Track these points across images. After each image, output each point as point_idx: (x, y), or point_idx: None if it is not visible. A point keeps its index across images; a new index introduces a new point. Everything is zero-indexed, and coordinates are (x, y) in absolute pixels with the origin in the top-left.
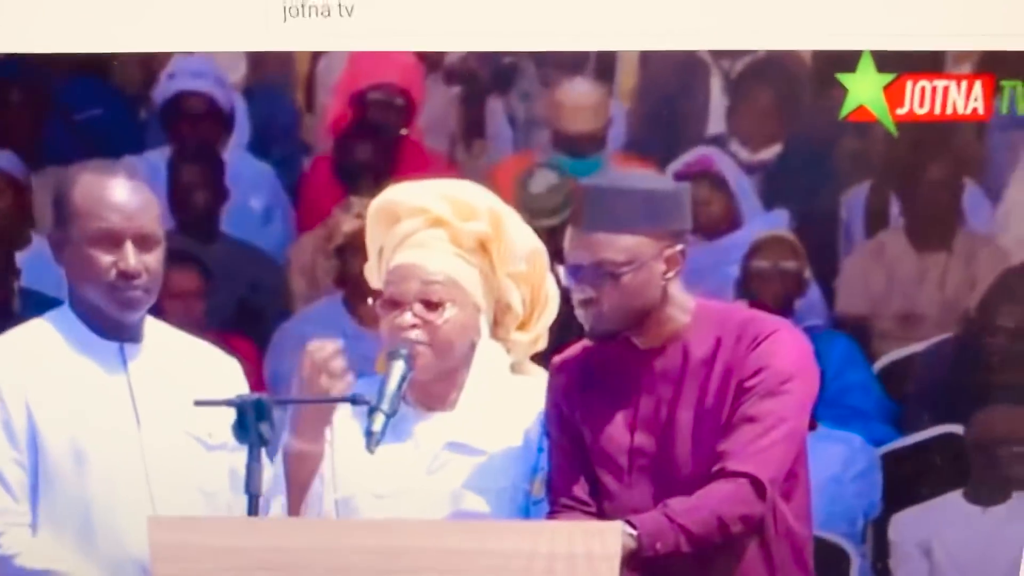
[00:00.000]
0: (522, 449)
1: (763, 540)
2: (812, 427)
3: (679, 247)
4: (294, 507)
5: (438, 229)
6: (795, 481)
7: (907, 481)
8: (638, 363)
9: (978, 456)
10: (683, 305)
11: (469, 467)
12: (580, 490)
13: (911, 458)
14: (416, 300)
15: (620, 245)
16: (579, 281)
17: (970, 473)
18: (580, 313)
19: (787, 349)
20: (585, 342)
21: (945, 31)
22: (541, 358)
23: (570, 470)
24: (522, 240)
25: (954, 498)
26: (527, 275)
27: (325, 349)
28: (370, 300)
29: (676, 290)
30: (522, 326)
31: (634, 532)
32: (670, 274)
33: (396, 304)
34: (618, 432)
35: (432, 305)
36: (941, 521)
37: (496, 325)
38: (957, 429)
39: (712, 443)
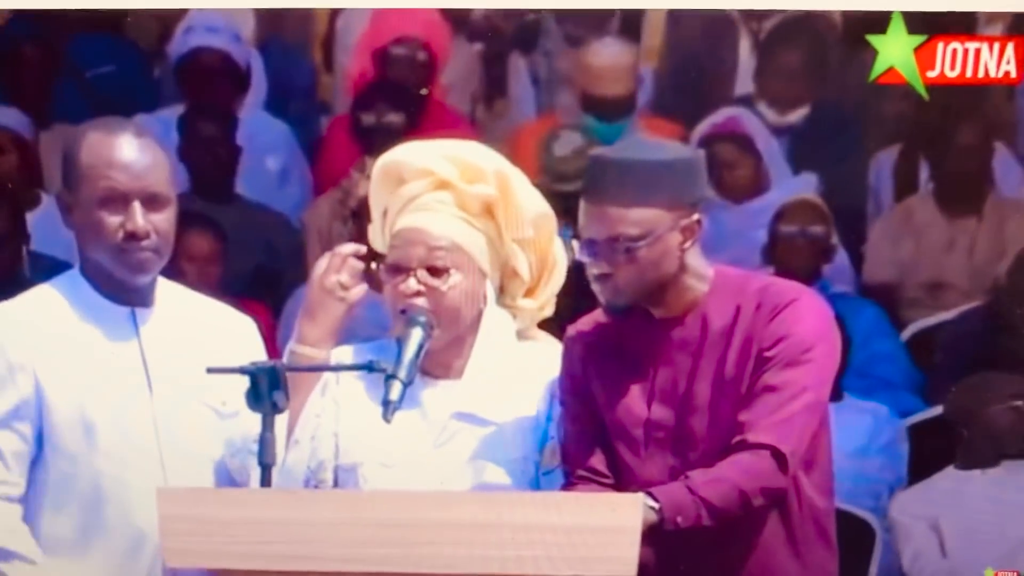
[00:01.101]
0: (532, 419)
1: (784, 513)
2: (838, 397)
3: (695, 216)
4: (291, 418)
5: (444, 192)
6: (818, 452)
7: (934, 454)
8: (656, 333)
9: (966, 422)
10: (701, 274)
11: (478, 438)
12: (597, 461)
13: (938, 430)
14: (421, 266)
15: (634, 218)
16: (594, 256)
17: (961, 441)
18: (596, 287)
19: (808, 317)
20: (601, 311)
21: None
22: (550, 325)
23: (586, 441)
24: (530, 204)
25: (949, 471)
26: (534, 240)
27: (341, 249)
28: (373, 265)
29: (694, 259)
30: (529, 292)
31: (656, 505)
32: (687, 244)
33: (400, 270)
34: (635, 404)
35: (437, 271)
36: (944, 492)
37: (502, 292)
38: None
39: (731, 415)
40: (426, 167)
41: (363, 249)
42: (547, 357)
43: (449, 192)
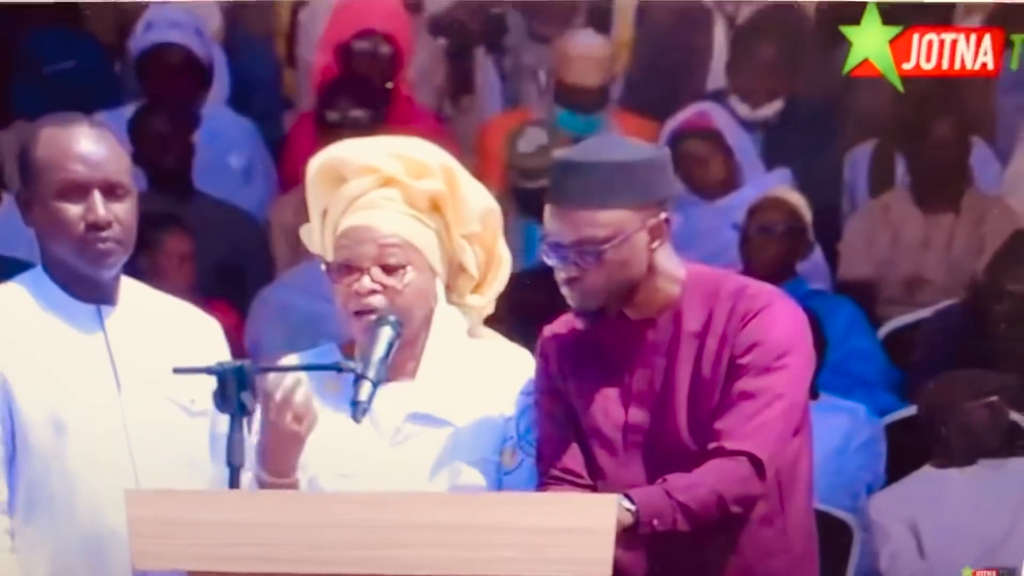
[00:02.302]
0: (489, 419)
1: (765, 517)
2: (814, 396)
3: (663, 215)
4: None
5: (390, 189)
6: (799, 458)
7: (911, 452)
8: (630, 335)
9: (942, 420)
10: (673, 275)
11: (434, 440)
12: (573, 463)
13: (915, 428)
14: (374, 264)
15: (600, 220)
16: (562, 259)
17: (938, 439)
18: (565, 291)
19: (781, 323)
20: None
21: None
22: (521, 325)
23: (561, 442)
24: (476, 199)
25: (926, 470)
26: (481, 236)
27: (286, 385)
28: (323, 266)
29: (664, 259)
30: (476, 288)
31: (632, 507)
32: (655, 244)
33: (352, 269)
34: (612, 407)
35: (391, 269)
36: (921, 492)
37: (449, 289)
38: None
39: (707, 418)
40: (370, 164)
41: (303, 379)
42: (499, 355)
43: (396, 188)
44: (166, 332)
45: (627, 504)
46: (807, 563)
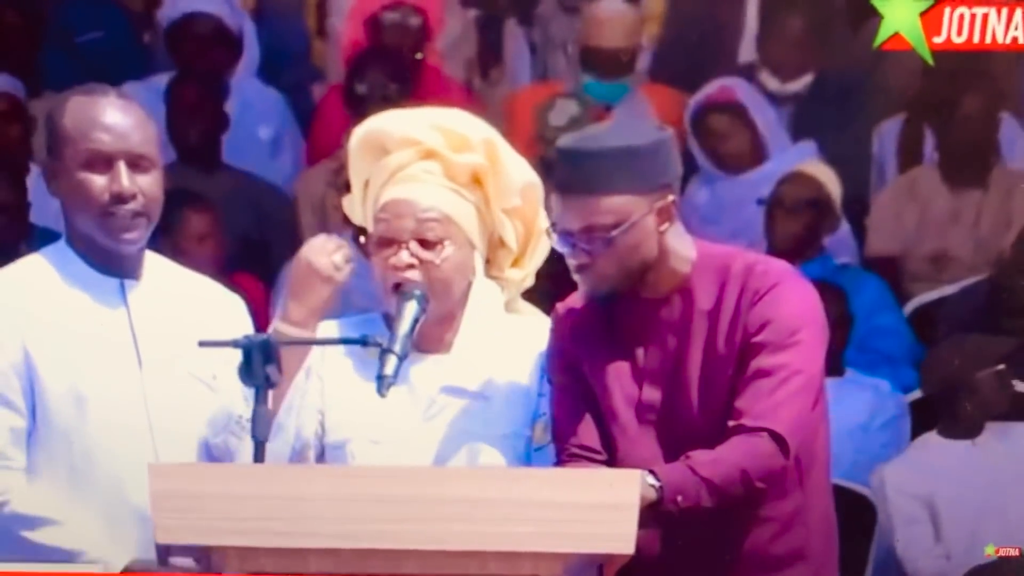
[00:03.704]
0: (523, 394)
1: (783, 491)
2: (839, 372)
3: (670, 198)
4: (275, 400)
5: (431, 162)
6: (817, 433)
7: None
8: (643, 313)
9: (950, 389)
10: (683, 255)
11: (467, 412)
12: (589, 438)
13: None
14: (412, 238)
15: (607, 207)
16: (572, 247)
17: (945, 408)
18: (577, 277)
19: (793, 299)
20: None
21: None
22: (535, 298)
23: (578, 417)
24: (517, 173)
25: (934, 439)
26: (521, 210)
27: (329, 243)
28: (361, 238)
29: (674, 241)
30: (515, 262)
31: (656, 483)
32: (664, 227)
33: (391, 242)
34: (626, 385)
35: (429, 244)
36: (935, 465)
37: (488, 263)
38: None
39: (721, 395)
40: (412, 136)
41: (358, 236)
42: (537, 330)
43: (437, 162)
44: (189, 308)
45: (651, 480)
46: (826, 537)
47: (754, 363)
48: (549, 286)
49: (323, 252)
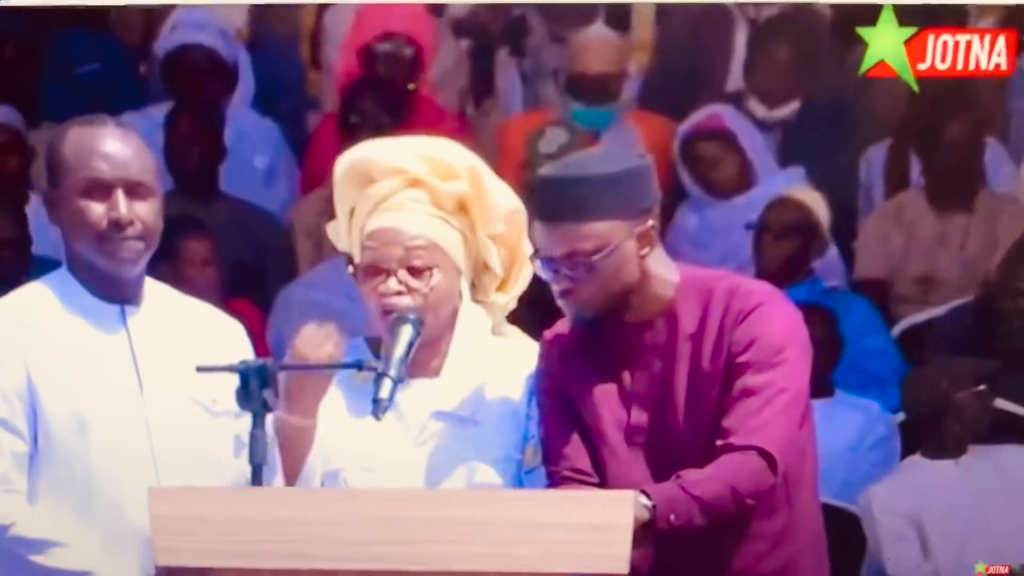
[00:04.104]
0: (512, 417)
1: (772, 509)
2: (829, 393)
3: (650, 223)
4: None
5: (417, 190)
6: (805, 451)
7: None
8: (628, 337)
9: (924, 413)
10: (666, 279)
11: (458, 437)
12: (581, 462)
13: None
14: (401, 266)
15: (588, 233)
16: (555, 273)
17: (928, 430)
18: (561, 303)
19: (776, 319)
20: None
21: None
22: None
23: (568, 442)
24: (501, 199)
25: (917, 461)
26: (506, 235)
27: (318, 325)
28: (349, 268)
29: (656, 265)
30: (500, 287)
31: (649, 503)
32: (645, 251)
33: (379, 270)
34: (615, 409)
35: (417, 271)
36: (920, 485)
37: (474, 287)
38: None
39: (708, 415)
40: (398, 165)
41: (334, 329)
42: (524, 353)
43: (423, 190)
44: (189, 333)
45: (644, 500)
46: (816, 555)
47: (740, 382)
48: (530, 311)
49: (316, 345)
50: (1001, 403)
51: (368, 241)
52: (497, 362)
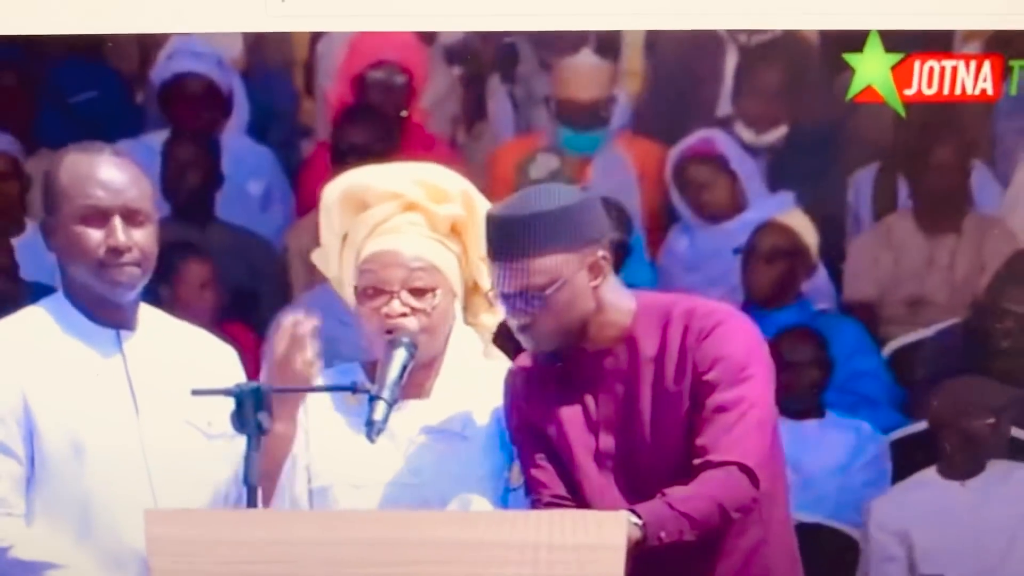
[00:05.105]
0: (499, 435)
1: (744, 530)
2: (821, 415)
3: (600, 253)
4: (266, 494)
5: (413, 213)
6: (774, 466)
7: (916, 468)
8: (589, 365)
9: (946, 430)
10: (622, 307)
11: (446, 454)
12: (559, 488)
13: (920, 445)
14: (403, 287)
15: (539, 268)
16: (512, 308)
17: (942, 448)
18: (520, 337)
19: (738, 336)
20: None
21: (953, 10)
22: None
23: (545, 470)
24: None
25: (930, 477)
26: None
27: (303, 325)
28: (351, 293)
29: (610, 294)
30: (489, 308)
31: (639, 521)
32: (597, 281)
33: (381, 292)
34: (582, 435)
35: (420, 292)
36: (920, 503)
37: (465, 309)
38: None
39: (675, 435)
40: (393, 190)
41: (316, 321)
42: None
43: (419, 213)
44: (184, 357)
45: (634, 519)
46: (790, 571)
47: (710, 400)
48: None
49: (294, 351)
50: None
51: (367, 264)
52: (487, 383)
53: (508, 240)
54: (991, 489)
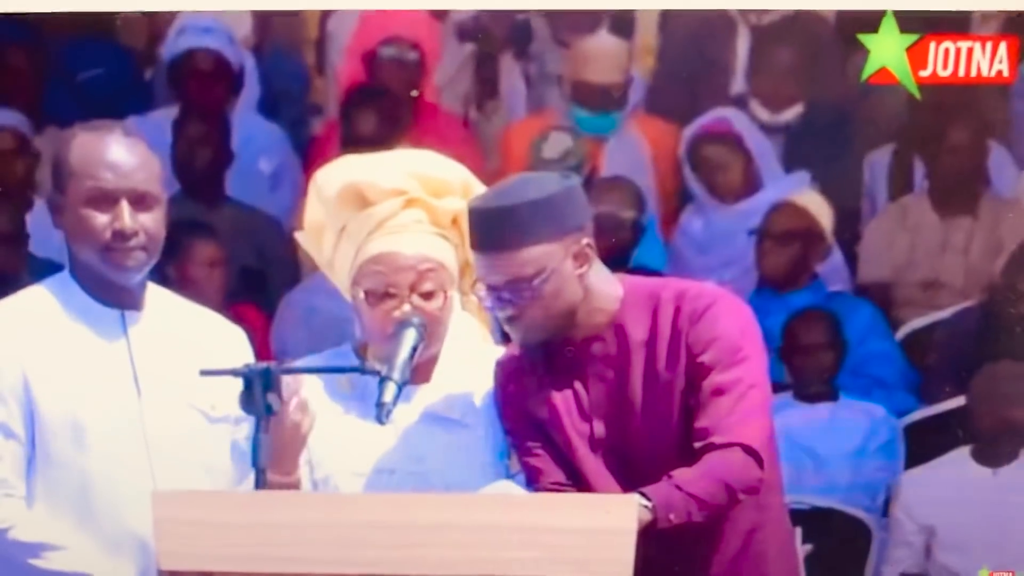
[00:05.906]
0: (497, 423)
1: (744, 512)
2: (834, 398)
3: (584, 241)
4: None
5: (416, 209)
6: (770, 448)
7: (929, 452)
8: (579, 352)
9: (984, 413)
10: (609, 293)
11: (448, 440)
12: (558, 475)
13: (934, 429)
14: (412, 291)
15: (524, 259)
16: (499, 300)
17: (979, 431)
18: (509, 329)
19: (731, 318)
20: None
21: None
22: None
23: (543, 458)
24: None
25: (962, 459)
26: None
27: (288, 383)
28: (360, 294)
29: (597, 280)
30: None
31: (648, 503)
32: (582, 269)
33: (388, 295)
34: (576, 423)
35: (429, 295)
36: (947, 485)
37: (461, 293)
38: None
39: (669, 419)
40: (395, 187)
41: (301, 378)
42: None
43: (421, 209)
44: (190, 339)
45: (643, 501)
46: (786, 555)
47: (707, 383)
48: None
49: (284, 409)
50: None
51: (375, 265)
52: (487, 369)
53: (493, 232)
54: (1018, 476)
